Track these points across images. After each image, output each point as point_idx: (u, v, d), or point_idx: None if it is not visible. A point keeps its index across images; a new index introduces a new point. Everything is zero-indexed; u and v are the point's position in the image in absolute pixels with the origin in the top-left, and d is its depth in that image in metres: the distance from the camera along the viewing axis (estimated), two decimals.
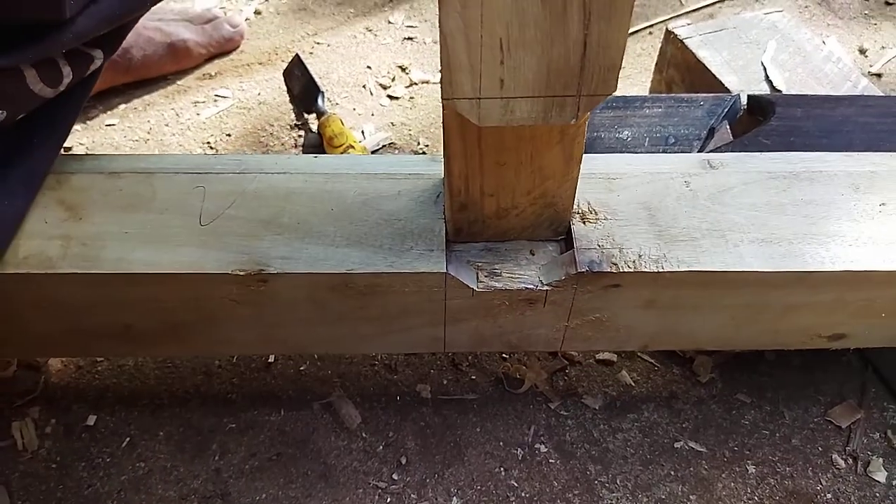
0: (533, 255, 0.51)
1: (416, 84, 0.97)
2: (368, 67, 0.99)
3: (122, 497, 0.58)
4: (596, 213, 0.51)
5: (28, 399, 0.64)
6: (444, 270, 0.48)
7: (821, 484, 0.61)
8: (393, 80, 0.98)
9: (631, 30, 1.08)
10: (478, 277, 0.50)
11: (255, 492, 0.59)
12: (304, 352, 0.67)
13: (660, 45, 0.86)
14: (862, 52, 1.04)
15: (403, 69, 0.99)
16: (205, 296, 0.48)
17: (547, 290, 0.49)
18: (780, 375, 0.67)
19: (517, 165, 0.46)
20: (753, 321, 0.52)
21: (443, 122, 0.44)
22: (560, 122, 0.41)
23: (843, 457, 0.62)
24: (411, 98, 0.95)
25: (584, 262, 0.48)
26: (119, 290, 0.48)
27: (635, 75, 1.01)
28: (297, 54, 0.94)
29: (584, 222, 0.50)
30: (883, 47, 1.05)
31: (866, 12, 1.11)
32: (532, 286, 0.49)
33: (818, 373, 0.67)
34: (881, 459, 0.62)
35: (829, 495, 0.60)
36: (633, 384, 0.66)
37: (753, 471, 0.61)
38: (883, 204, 0.52)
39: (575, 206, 0.51)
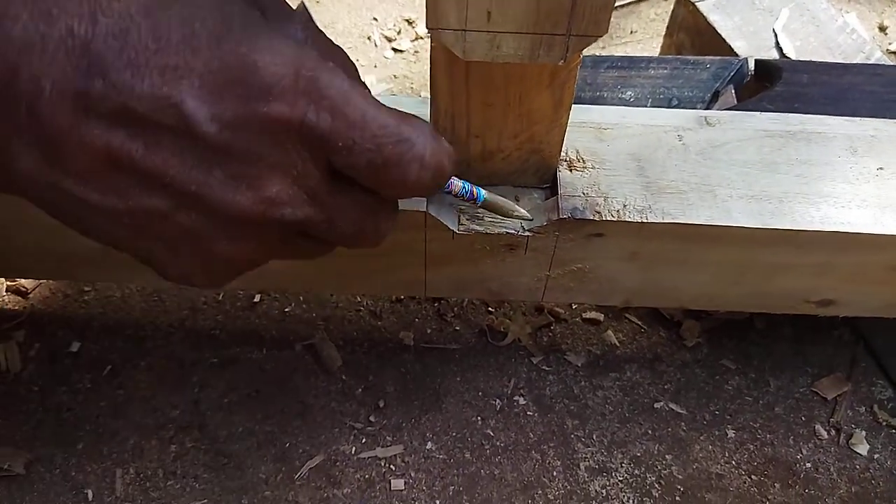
0: (518, 200, 0.50)
1: (421, 38, 0.95)
2: (375, 19, 0.98)
3: (100, 422, 0.59)
4: (584, 162, 0.50)
5: (14, 323, 0.64)
6: (425, 210, 0.47)
7: (801, 453, 0.60)
8: (399, 33, 0.96)
9: None
10: (459, 220, 0.49)
11: (232, 425, 0.59)
12: (285, 289, 0.67)
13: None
14: (882, 29, 1.01)
15: (410, 22, 0.98)
16: None
17: (528, 236, 0.49)
18: (768, 344, 0.66)
19: (505, 107, 0.45)
20: (739, 281, 0.52)
21: (430, 57, 0.43)
22: (548, 62, 0.40)
23: (827, 428, 0.62)
24: (416, 52, 0.94)
25: (566, 208, 0.47)
26: None
27: (647, 40, 0.99)
28: (302, 2, 0.93)
29: (570, 170, 0.50)
30: None
31: None
32: (513, 231, 0.48)
33: (808, 344, 0.66)
34: (864, 432, 0.61)
35: (808, 464, 0.59)
36: (617, 344, 0.66)
37: (733, 436, 0.61)
38: (881, 168, 0.51)
39: (563, 154, 0.50)
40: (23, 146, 0.29)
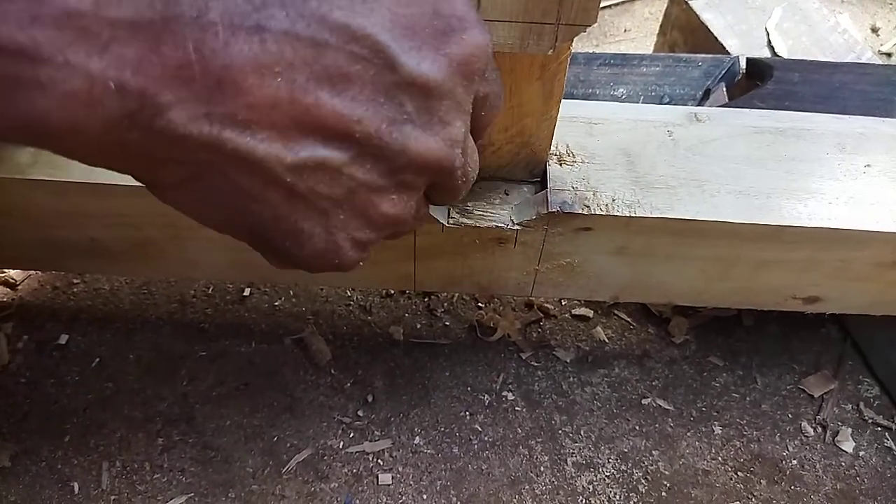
0: (507, 195, 0.51)
1: None
2: None
3: (88, 414, 0.59)
4: (573, 156, 0.50)
5: (2, 315, 0.64)
6: None
7: (787, 450, 0.60)
8: None
9: None
10: (449, 213, 0.49)
11: (220, 418, 0.59)
12: (274, 280, 0.66)
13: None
14: (874, 30, 1.02)
15: None
16: (169, 210, 0.48)
17: (517, 230, 0.49)
18: (755, 342, 0.66)
19: None
20: (726, 276, 0.52)
21: None
22: (537, 52, 0.40)
23: (813, 425, 0.62)
24: None
25: (555, 202, 0.47)
26: (84, 200, 0.47)
27: (640, 38, 0.99)
28: None
29: (560, 164, 0.50)
30: None
31: None
32: (502, 225, 0.48)
33: (795, 342, 0.67)
34: (850, 430, 0.61)
35: (794, 461, 0.60)
36: (606, 340, 0.66)
37: (720, 432, 0.61)
38: (868, 165, 0.51)
39: (553, 148, 0.50)
40: (178, 94, 0.24)
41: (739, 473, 0.59)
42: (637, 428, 0.60)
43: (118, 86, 0.23)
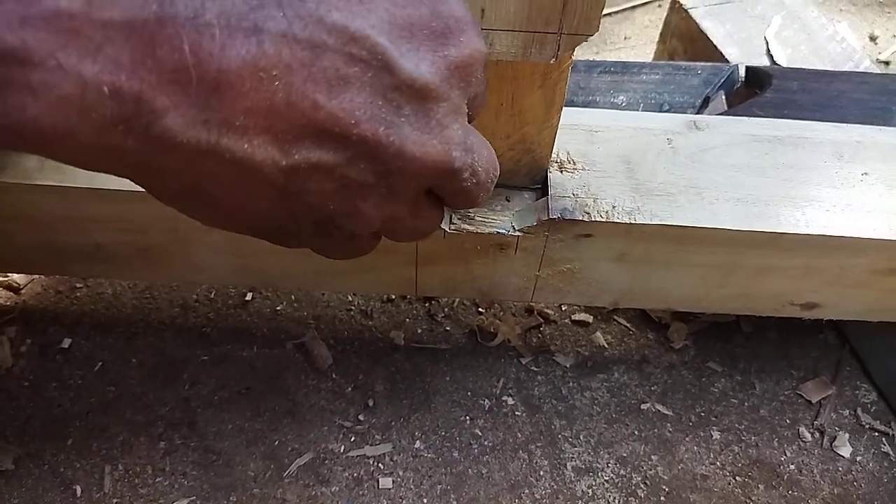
0: (509, 201, 0.51)
1: None
2: None
3: (90, 418, 0.59)
4: (574, 164, 0.51)
5: (6, 319, 0.64)
6: None
7: (785, 455, 0.61)
8: None
9: (640, 1, 1.07)
10: (450, 220, 0.50)
11: (222, 422, 0.60)
12: (277, 286, 0.67)
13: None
14: (872, 38, 1.03)
15: None
16: (174, 216, 0.48)
17: (518, 236, 0.49)
18: (754, 347, 0.67)
19: (497, 107, 0.46)
20: (725, 282, 0.52)
21: None
22: (540, 60, 0.41)
23: (811, 430, 0.62)
24: None
25: (556, 209, 0.48)
26: (90, 205, 0.48)
27: (640, 46, 1.00)
28: None
29: (561, 171, 0.50)
30: (894, 36, 1.03)
31: (881, 0, 1.09)
32: (504, 231, 0.49)
33: (793, 347, 0.67)
34: (847, 435, 0.62)
35: (792, 466, 0.60)
36: (606, 346, 0.66)
37: (718, 437, 0.61)
38: (865, 174, 0.52)
39: (554, 156, 0.51)
40: (174, 99, 0.24)
41: (738, 478, 0.59)
42: (636, 433, 0.61)
43: (112, 90, 0.23)
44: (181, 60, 0.23)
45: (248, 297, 0.68)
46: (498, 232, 0.49)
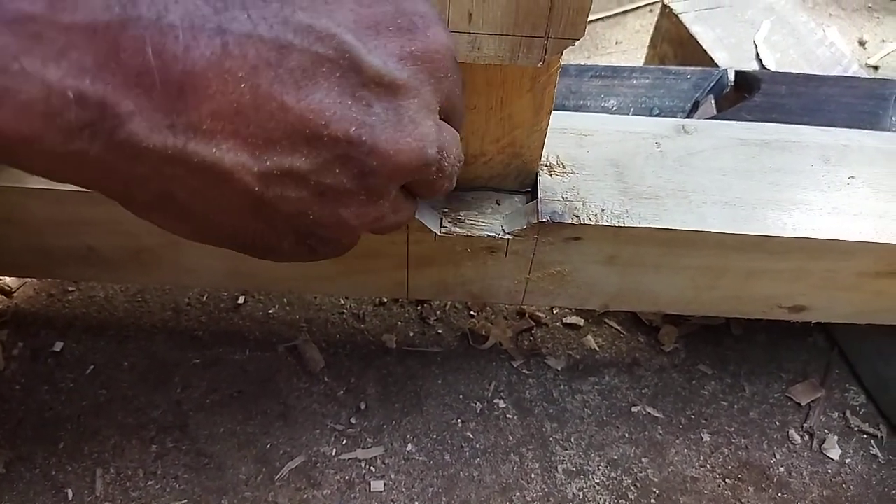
0: (499, 204, 0.51)
1: None
2: None
3: (82, 421, 0.59)
4: (563, 167, 0.51)
5: None
6: None
7: (775, 457, 0.61)
8: None
9: (632, 6, 1.08)
10: (441, 223, 0.50)
11: (214, 425, 0.60)
12: (269, 289, 0.67)
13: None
14: (861, 43, 1.04)
15: None
16: None
17: (508, 239, 0.49)
18: (744, 350, 0.67)
19: (487, 111, 0.46)
20: (714, 285, 0.53)
21: None
22: (527, 64, 0.41)
23: (800, 433, 0.63)
24: None
25: (546, 212, 0.48)
26: (81, 209, 0.48)
27: (631, 51, 1.00)
28: None
29: (550, 175, 0.51)
30: (883, 40, 1.04)
31: (870, 5, 1.10)
32: (494, 234, 0.49)
33: (783, 350, 0.68)
34: (836, 437, 0.62)
35: (781, 468, 0.60)
36: (597, 349, 0.67)
37: (708, 439, 0.61)
38: (852, 177, 0.52)
39: (543, 159, 0.51)
40: (139, 102, 0.23)
41: (727, 480, 0.59)
42: (627, 435, 0.61)
43: (77, 95, 0.22)
44: (144, 63, 0.23)
45: (241, 300, 0.68)
46: (488, 235, 0.49)
